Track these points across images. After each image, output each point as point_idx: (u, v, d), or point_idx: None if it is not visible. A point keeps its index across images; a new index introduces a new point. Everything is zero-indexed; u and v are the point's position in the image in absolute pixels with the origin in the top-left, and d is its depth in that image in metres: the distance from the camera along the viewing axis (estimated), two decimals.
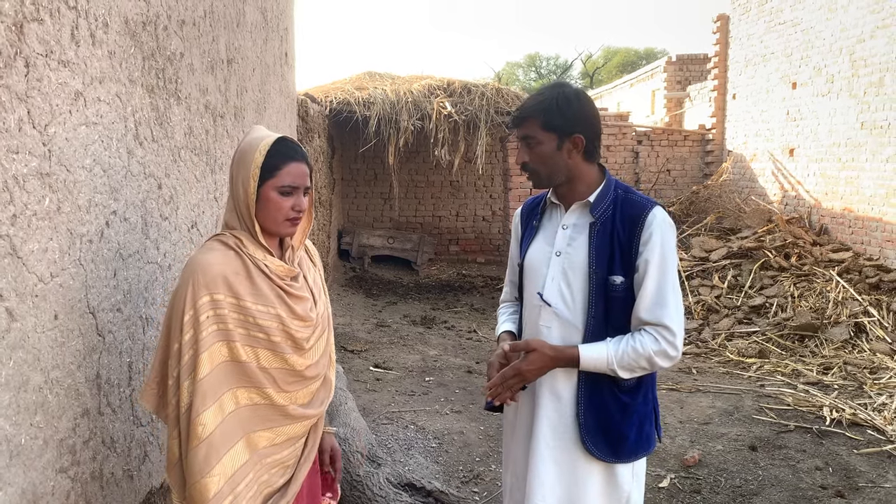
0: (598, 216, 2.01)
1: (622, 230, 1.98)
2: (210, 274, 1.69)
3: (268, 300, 1.76)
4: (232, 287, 1.71)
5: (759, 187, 10.64)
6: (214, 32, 3.10)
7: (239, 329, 1.72)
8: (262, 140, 1.79)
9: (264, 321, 1.75)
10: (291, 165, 1.80)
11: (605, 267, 1.97)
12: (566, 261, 2.03)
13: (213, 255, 1.73)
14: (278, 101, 5.23)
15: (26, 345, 1.51)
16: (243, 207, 1.79)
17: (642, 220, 1.96)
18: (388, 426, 4.82)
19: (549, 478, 2.02)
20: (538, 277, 2.08)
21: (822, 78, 9.08)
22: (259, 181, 1.76)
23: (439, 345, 7.47)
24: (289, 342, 1.80)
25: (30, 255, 1.52)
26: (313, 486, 2.03)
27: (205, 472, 1.64)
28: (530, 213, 2.24)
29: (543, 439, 2.03)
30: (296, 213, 1.81)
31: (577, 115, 2.00)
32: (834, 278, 7.53)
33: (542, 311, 2.06)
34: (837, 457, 4.30)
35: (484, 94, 9.58)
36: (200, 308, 1.67)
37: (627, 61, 36.56)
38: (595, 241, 1.99)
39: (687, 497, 3.86)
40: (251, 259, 1.77)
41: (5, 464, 1.43)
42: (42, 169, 1.56)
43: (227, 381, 1.72)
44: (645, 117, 16.67)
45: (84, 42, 1.77)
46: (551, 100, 2.00)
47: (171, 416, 1.72)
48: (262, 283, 1.77)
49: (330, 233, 9.87)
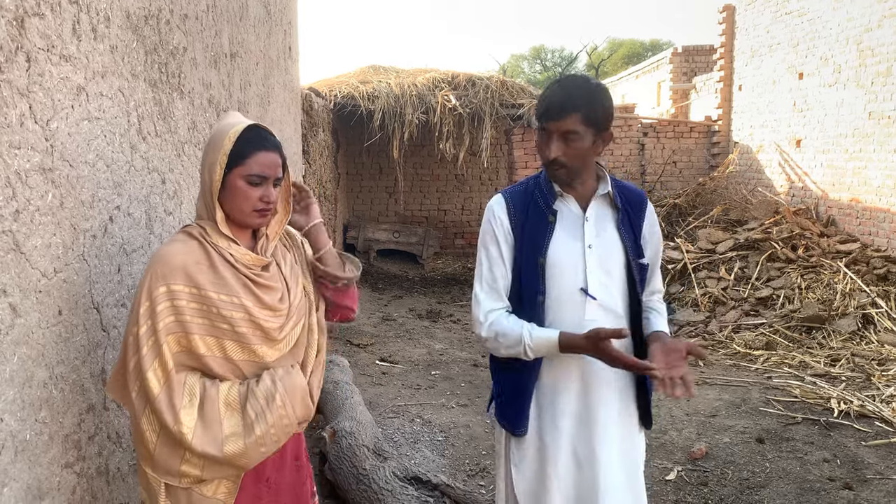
0: (621, 206, 2.09)
1: (634, 216, 2.10)
2: (170, 264, 1.66)
3: (232, 290, 1.72)
4: (192, 277, 1.67)
5: (765, 178, 10.59)
6: (217, 26, 3.10)
7: (199, 319, 1.68)
8: (232, 126, 1.74)
9: (227, 311, 1.70)
10: (261, 154, 1.74)
11: (634, 253, 2.07)
12: (601, 252, 2.03)
13: (175, 246, 1.70)
14: (282, 95, 5.22)
15: (30, 341, 1.51)
16: (207, 194, 1.75)
17: (646, 206, 2.14)
18: (395, 420, 4.82)
19: (621, 458, 2.05)
20: (571, 273, 2.00)
21: (828, 68, 9.01)
22: (227, 168, 1.71)
23: (445, 338, 7.47)
24: (257, 332, 1.74)
25: (33, 251, 1.52)
26: (302, 495, 2.00)
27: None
28: (525, 204, 2.07)
29: (610, 422, 2.03)
30: (264, 205, 1.75)
31: (611, 110, 1.99)
32: (841, 269, 7.49)
33: (586, 306, 2.00)
34: (845, 449, 4.29)
35: (488, 87, 9.55)
36: (157, 299, 1.63)
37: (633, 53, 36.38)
38: (623, 229, 2.07)
39: (694, 489, 3.85)
40: (215, 248, 1.73)
41: (10, 459, 1.43)
42: (44, 164, 1.56)
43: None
44: (650, 109, 16.60)
45: (86, 36, 1.77)
46: (593, 94, 1.94)
47: (135, 406, 1.66)
48: (225, 272, 1.72)
49: (335, 227, 9.86)
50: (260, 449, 1.72)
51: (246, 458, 1.70)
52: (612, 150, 12.15)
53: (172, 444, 1.65)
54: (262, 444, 1.72)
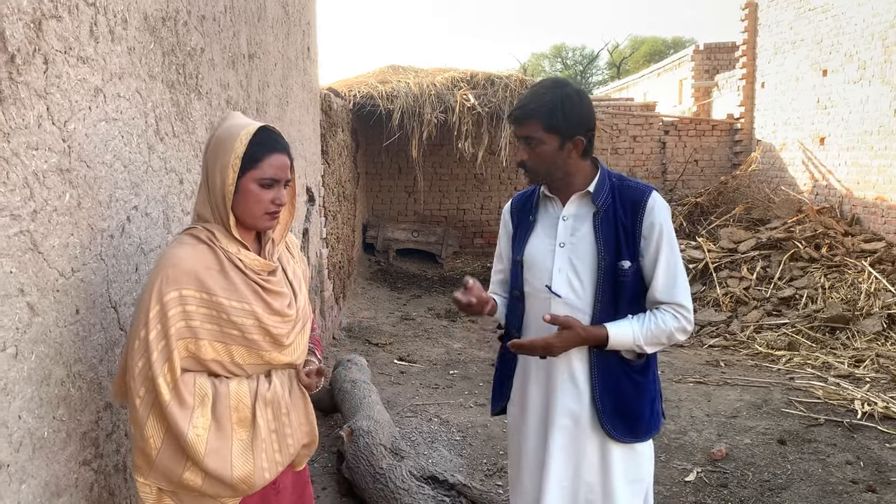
0: (601, 205, 2.04)
1: (625, 216, 2.03)
2: (180, 268, 1.62)
3: (242, 296, 1.69)
4: (203, 283, 1.64)
5: (788, 177, 10.46)
6: (235, 27, 3.12)
7: (208, 325, 1.65)
8: (242, 128, 1.70)
9: (238, 318, 1.68)
10: (274, 157, 1.72)
11: (613, 253, 2.02)
12: (572, 251, 2.05)
13: (184, 250, 1.66)
14: (301, 95, 5.24)
15: (48, 339, 1.53)
16: (219, 199, 1.70)
17: (644, 204, 2.02)
18: (412, 419, 4.82)
19: (570, 466, 2.05)
20: (543, 270, 2.08)
21: (853, 65, 8.89)
22: (238, 172, 1.68)
23: (463, 338, 7.47)
24: (266, 339, 1.73)
25: (51, 251, 1.53)
26: (305, 497, 2.00)
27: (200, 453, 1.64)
28: (522, 208, 2.23)
29: (563, 428, 2.05)
30: (276, 207, 1.74)
31: (579, 116, 2.00)
32: (866, 269, 7.38)
33: (551, 302, 2.05)
34: (869, 451, 4.22)
35: (507, 86, 9.52)
36: (168, 303, 1.60)
37: (654, 51, 36.13)
38: (601, 229, 2.03)
39: (714, 491, 3.82)
40: (224, 253, 1.69)
41: (28, 456, 1.45)
42: (62, 165, 1.58)
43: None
44: (672, 107, 16.46)
45: (103, 38, 1.78)
46: (554, 101, 1.97)
47: (139, 411, 1.61)
48: (236, 277, 1.69)
49: (354, 226, 9.89)
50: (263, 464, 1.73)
51: (253, 478, 1.70)
52: (633, 148, 12.08)
53: (176, 449, 1.62)
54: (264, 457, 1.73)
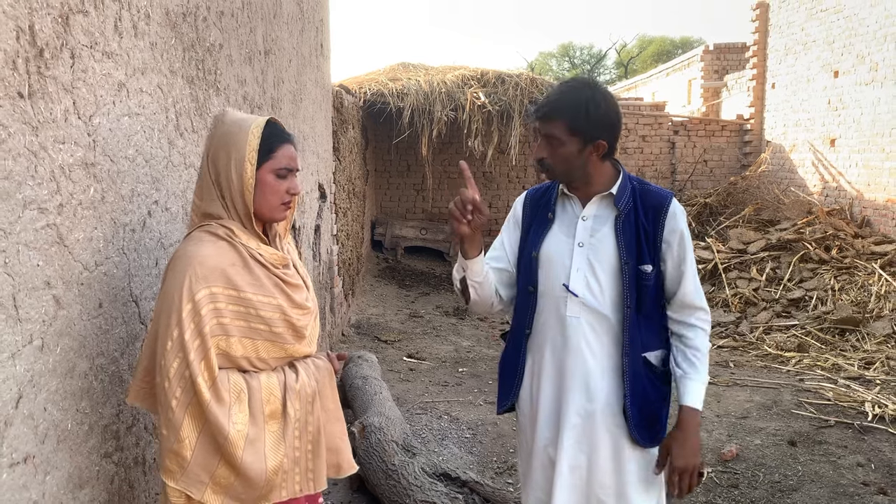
0: (622, 208, 2.03)
1: (646, 220, 2.02)
2: (207, 266, 1.61)
3: (268, 291, 1.70)
4: (231, 279, 1.64)
5: (798, 178, 10.43)
6: (252, 23, 3.12)
7: (238, 322, 1.65)
8: (250, 121, 1.70)
9: (266, 312, 1.68)
10: (285, 147, 1.74)
11: (634, 257, 2.01)
12: (591, 252, 2.04)
13: (207, 247, 1.63)
14: (314, 91, 5.26)
15: (72, 332, 1.54)
16: (236, 194, 1.69)
17: (665, 209, 2.02)
18: (422, 416, 4.83)
19: (582, 463, 2.04)
20: (559, 269, 2.06)
21: (865, 66, 8.85)
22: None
23: (472, 336, 7.47)
24: (290, 332, 1.74)
25: (75, 244, 1.54)
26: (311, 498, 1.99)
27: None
28: (538, 202, 2.19)
29: (575, 426, 2.04)
30: (290, 197, 1.75)
31: (604, 120, 1.97)
32: (876, 271, 7.36)
33: (568, 301, 2.04)
34: (880, 453, 4.21)
35: (518, 85, 9.52)
36: (200, 301, 1.58)
37: (663, 50, 36.00)
38: (622, 232, 2.01)
39: (724, 491, 3.81)
40: (245, 249, 1.68)
41: (52, 448, 1.46)
42: (87, 159, 1.59)
43: None
44: (681, 107, 16.41)
45: (127, 33, 1.79)
46: (581, 104, 1.95)
47: (175, 412, 1.58)
48: (259, 272, 1.70)
49: (363, 224, 9.90)
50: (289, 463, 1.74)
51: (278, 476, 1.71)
52: (643, 148, 12.05)
53: (209, 450, 1.61)
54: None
